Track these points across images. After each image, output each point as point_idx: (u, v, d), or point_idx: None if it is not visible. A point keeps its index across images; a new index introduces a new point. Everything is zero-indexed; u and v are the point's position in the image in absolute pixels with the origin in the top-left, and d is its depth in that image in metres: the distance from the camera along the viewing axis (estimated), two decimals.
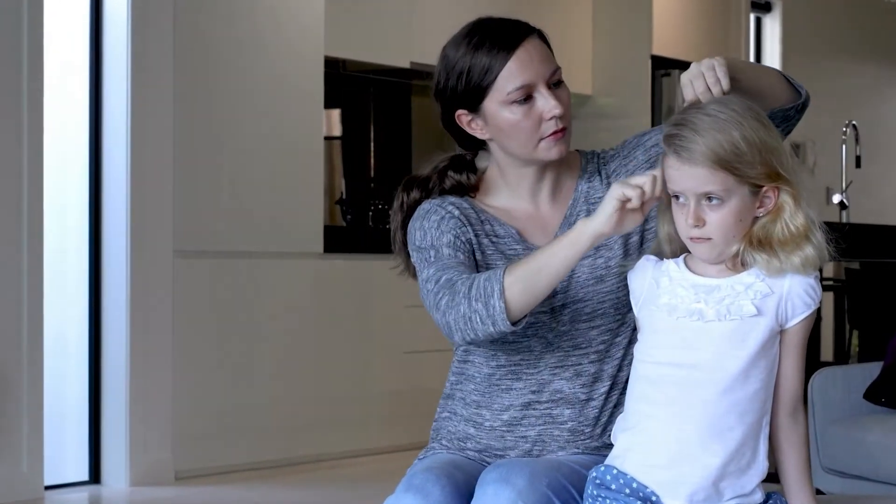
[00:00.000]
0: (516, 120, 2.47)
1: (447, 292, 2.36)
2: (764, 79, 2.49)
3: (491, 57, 2.47)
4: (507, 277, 2.30)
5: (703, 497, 2.23)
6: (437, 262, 2.44)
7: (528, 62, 2.46)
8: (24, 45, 5.26)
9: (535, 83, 2.46)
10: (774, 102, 2.48)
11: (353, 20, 6.65)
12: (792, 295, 2.25)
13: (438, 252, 2.46)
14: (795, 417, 2.30)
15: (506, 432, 2.53)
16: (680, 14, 8.27)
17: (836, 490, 4.23)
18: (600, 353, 2.52)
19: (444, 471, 2.39)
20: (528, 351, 2.51)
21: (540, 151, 2.49)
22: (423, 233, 2.51)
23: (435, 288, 2.39)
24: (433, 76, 2.58)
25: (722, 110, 2.23)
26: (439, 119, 2.60)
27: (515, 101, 2.46)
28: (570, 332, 2.51)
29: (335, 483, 5.82)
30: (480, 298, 2.30)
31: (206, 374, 5.89)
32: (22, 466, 5.24)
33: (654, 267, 2.34)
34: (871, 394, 4.27)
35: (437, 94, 2.56)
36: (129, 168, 5.61)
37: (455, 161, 2.61)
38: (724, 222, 2.23)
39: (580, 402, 2.51)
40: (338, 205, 7.01)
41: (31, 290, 5.27)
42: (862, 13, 10.17)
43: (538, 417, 2.51)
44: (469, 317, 2.31)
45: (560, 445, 2.52)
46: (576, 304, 2.51)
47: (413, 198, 2.59)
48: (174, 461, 5.76)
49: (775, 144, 2.25)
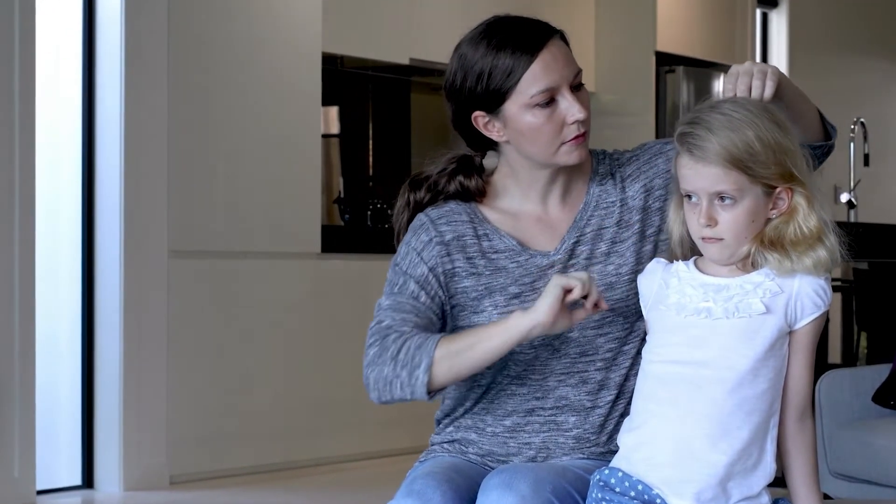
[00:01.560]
0: (538, 124, 2.44)
1: (378, 344, 2.40)
2: (803, 104, 2.48)
3: (514, 59, 2.44)
4: (437, 351, 2.34)
5: (711, 496, 2.23)
6: (398, 296, 2.46)
7: (553, 65, 2.44)
8: (16, 46, 5.27)
9: (558, 86, 2.44)
10: (803, 133, 2.46)
11: (351, 16, 6.68)
12: (802, 295, 2.26)
13: (405, 284, 2.48)
14: (803, 421, 2.30)
15: (508, 438, 2.52)
16: (684, 10, 8.34)
17: (844, 495, 4.22)
18: (607, 360, 2.51)
19: (444, 476, 2.38)
20: (534, 357, 2.51)
21: (560, 156, 2.47)
22: (406, 250, 2.52)
23: (375, 328, 2.44)
24: (446, 74, 2.54)
25: (736, 109, 2.25)
26: (449, 118, 2.57)
27: (538, 105, 2.44)
28: (577, 339, 2.50)
29: (332, 487, 5.86)
30: (406, 366, 2.35)
31: (201, 377, 5.90)
32: (14, 471, 5.25)
33: (664, 269, 2.36)
34: (880, 396, 4.25)
35: (452, 94, 2.53)
36: (123, 167, 5.62)
37: (463, 163, 2.58)
38: (736, 222, 2.24)
39: (585, 409, 2.50)
40: (335, 204, 7.04)
41: (22, 292, 5.28)
42: (869, 9, 10.24)
43: (542, 424, 2.51)
44: (391, 381, 2.37)
45: (565, 452, 2.51)
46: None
47: (420, 197, 2.57)
48: (169, 465, 5.77)
49: (790, 145, 2.25)
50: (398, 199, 2.61)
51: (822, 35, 9.82)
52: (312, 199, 6.33)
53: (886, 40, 10.44)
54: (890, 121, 10.32)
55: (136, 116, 5.64)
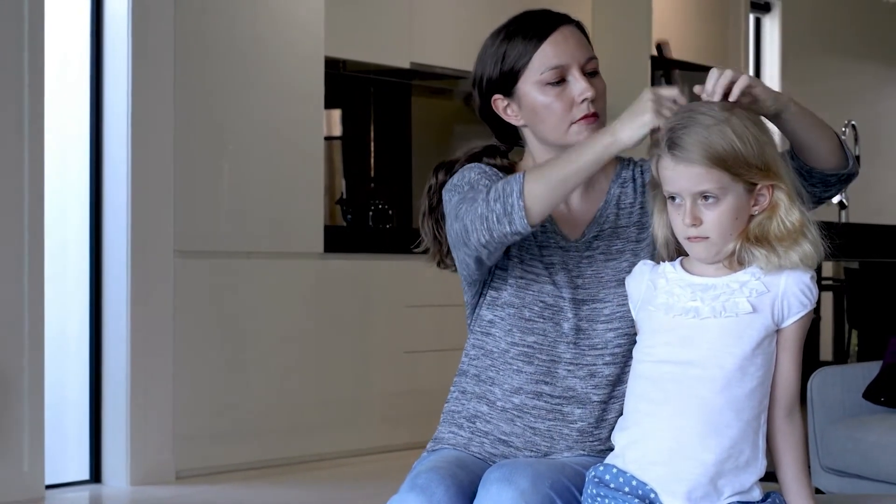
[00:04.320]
0: (548, 101, 2.49)
1: (469, 199, 2.40)
2: (815, 131, 2.44)
3: (527, 41, 2.50)
4: (528, 177, 2.33)
5: (702, 494, 2.23)
6: (472, 190, 2.45)
7: (563, 44, 2.49)
8: (25, 50, 5.27)
9: (569, 65, 2.49)
10: (816, 160, 2.46)
11: (353, 21, 6.66)
12: (788, 294, 2.26)
13: (478, 180, 2.48)
14: (792, 418, 2.30)
15: (515, 416, 2.52)
16: (679, 15, 8.30)
17: (836, 489, 4.22)
18: (616, 356, 2.51)
19: (448, 471, 2.39)
20: (542, 334, 2.51)
21: (571, 135, 2.49)
22: (461, 176, 2.53)
23: (459, 201, 2.43)
24: (473, 69, 2.60)
25: (713, 108, 2.25)
26: (477, 109, 2.62)
27: (549, 83, 2.48)
28: (587, 330, 2.51)
29: (336, 482, 5.82)
30: (500, 199, 2.33)
31: (206, 374, 5.89)
32: (23, 466, 5.25)
33: (651, 270, 2.36)
34: (871, 393, 4.26)
35: (476, 85, 2.59)
36: (130, 168, 5.61)
37: (490, 149, 2.64)
38: (720, 220, 2.24)
39: (591, 402, 2.51)
40: (338, 205, 7.02)
41: (32, 290, 5.27)
42: (861, 13, 10.18)
43: (549, 411, 2.51)
44: (486, 216, 2.34)
45: (568, 445, 2.52)
46: (595, 303, 2.52)
47: (442, 180, 2.61)
48: (175, 460, 5.76)
49: (767, 142, 2.26)
50: (428, 181, 2.64)
51: (814, 39, 9.76)
52: (315, 200, 6.32)
53: (877, 44, 10.37)
54: (880, 123, 10.26)
55: (142, 119, 5.63)
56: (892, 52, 10.62)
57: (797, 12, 9.59)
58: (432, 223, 2.62)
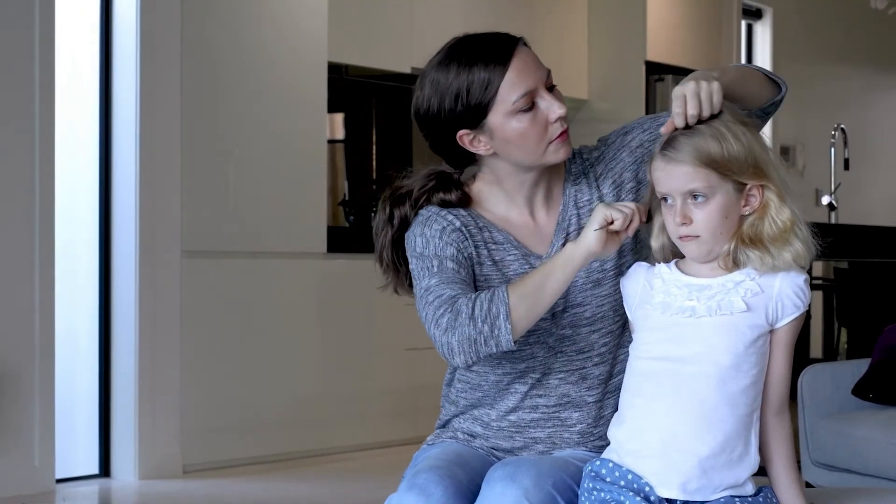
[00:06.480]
0: (524, 128, 2.42)
1: (449, 311, 2.31)
2: (748, 86, 2.47)
3: (489, 71, 2.41)
4: (511, 298, 2.28)
5: (696, 487, 2.24)
6: (440, 274, 2.39)
7: (526, 69, 2.42)
8: (36, 54, 5.28)
9: (536, 88, 2.42)
10: (757, 102, 2.50)
11: (355, 27, 6.67)
12: (782, 296, 2.27)
13: (442, 264, 2.40)
14: (781, 416, 2.32)
15: (514, 433, 2.52)
16: (673, 21, 8.29)
17: (825, 483, 4.23)
18: (603, 355, 2.51)
19: (447, 471, 2.38)
20: (532, 358, 2.50)
21: (549, 155, 2.45)
22: (424, 240, 2.45)
23: (436, 302, 2.34)
24: (416, 104, 2.48)
25: (708, 125, 2.28)
26: (429, 144, 2.52)
27: (521, 110, 2.41)
28: (572, 336, 2.50)
29: (339, 476, 5.81)
30: (486, 320, 2.27)
31: (212, 371, 5.89)
32: (34, 460, 5.26)
33: (647, 271, 2.37)
34: (860, 390, 4.28)
35: (430, 121, 2.47)
36: (138, 170, 5.62)
37: (441, 180, 2.53)
38: (710, 219, 2.25)
39: (587, 404, 2.51)
40: (341, 206, 7.02)
41: (42, 288, 5.28)
42: (850, 20, 10.18)
43: (547, 420, 2.51)
44: (474, 339, 2.28)
45: (570, 445, 2.53)
46: (575, 309, 2.49)
47: (404, 213, 2.52)
48: (182, 455, 5.77)
49: (756, 141, 2.28)
50: (378, 214, 2.54)
51: (805, 45, 9.77)
52: (319, 202, 6.33)
53: (865, 50, 10.39)
54: (869, 127, 10.27)
55: (150, 123, 5.63)
56: (881, 58, 10.61)
57: (788, 19, 9.60)
58: (392, 252, 2.54)
